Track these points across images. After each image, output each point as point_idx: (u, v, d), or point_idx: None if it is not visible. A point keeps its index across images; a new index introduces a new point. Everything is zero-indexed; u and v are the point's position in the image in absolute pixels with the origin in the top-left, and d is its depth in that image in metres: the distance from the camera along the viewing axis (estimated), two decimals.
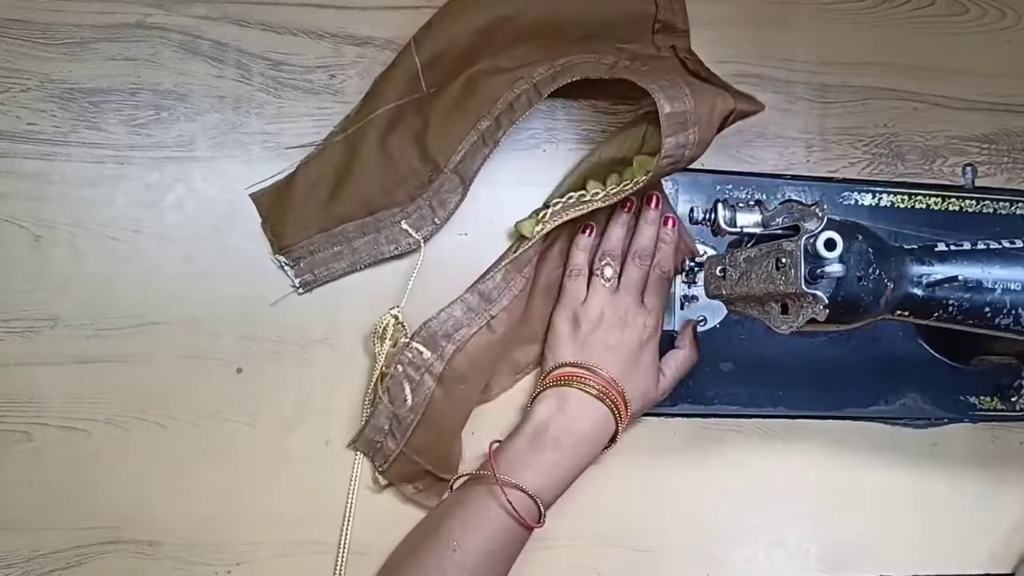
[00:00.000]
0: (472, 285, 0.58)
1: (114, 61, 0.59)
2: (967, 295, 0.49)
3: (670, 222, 0.61)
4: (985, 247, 0.51)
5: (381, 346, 0.58)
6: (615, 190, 0.58)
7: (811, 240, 0.44)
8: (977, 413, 0.66)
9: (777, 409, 0.64)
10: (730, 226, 0.50)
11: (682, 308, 0.63)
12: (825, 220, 0.45)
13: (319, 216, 0.59)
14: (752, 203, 0.51)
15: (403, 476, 0.58)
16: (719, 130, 0.56)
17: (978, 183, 0.67)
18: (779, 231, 0.49)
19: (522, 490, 0.53)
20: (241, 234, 0.59)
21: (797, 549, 0.64)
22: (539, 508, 0.53)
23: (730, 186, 0.64)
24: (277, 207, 0.59)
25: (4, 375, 0.56)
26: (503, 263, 0.58)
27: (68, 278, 0.57)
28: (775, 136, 0.66)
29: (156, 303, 0.58)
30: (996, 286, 0.49)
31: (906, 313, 0.49)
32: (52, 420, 0.57)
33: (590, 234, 0.60)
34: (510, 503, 0.53)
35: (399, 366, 0.57)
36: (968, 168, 0.67)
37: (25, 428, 0.56)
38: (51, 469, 0.56)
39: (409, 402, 0.56)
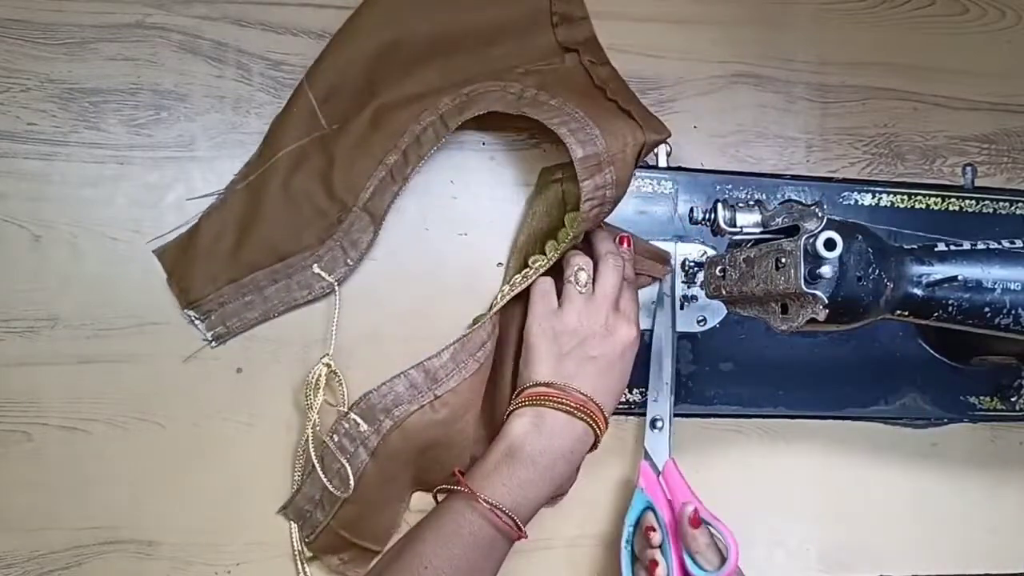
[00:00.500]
0: (419, 362, 0.57)
1: (114, 61, 0.59)
2: (967, 295, 0.49)
3: (624, 242, 0.60)
4: (985, 247, 0.51)
5: (315, 397, 0.56)
6: (554, 254, 0.57)
7: (811, 240, 0.44)
8: (977, 413, 0.66)
9: (777, 409, 0.64)
10: (730, 226, 0.50)
11: (682, 308, 0.63)
12: (825, 220, 0.45)
13: (227, 267, 0.57)
14: (752, 203, 0.51)
15: (328, 548, 0.57)
16: (636, 164, 0.55)
17: (978, 183, 0.67)
18: (779, 231, 0.49)
19: (494, 506, 0.51)
20: None
21: (797, 549, 0.64)
22: (515, 522, 0.52)
23: (730, 186, 0.64)
24: (182, 261, 0.57)
25: (4, 375, 0.56)
26: (451, 343, 0.57)
27: (68, 278, 0.57)
28: (775, 136, 0.66)
29: (156, 303, 0.58)
30: (996, 286, 0.49)
31: (906, 313, 0.49)
32: (52, 420, 0.57)
33: None
34: (486, 513, 0.51)
35: (335, 435, 0.55)
36: (968, 168, 0.67)
37: (25, 428, 0.56)
38: (51, 469, 0.56)
39: (344, 473, 0.54)
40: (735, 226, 0.50)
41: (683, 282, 0.63)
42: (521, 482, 0.52)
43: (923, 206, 0.66)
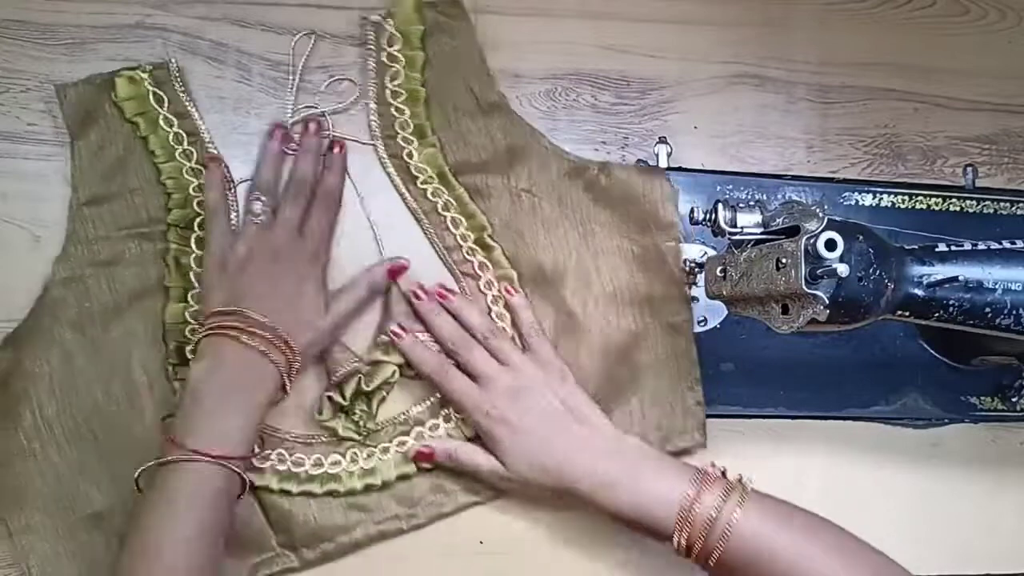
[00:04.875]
0: None
1: (114, 61, 0.59)
2: (968, 295, 0.49)
3: (336, 147, 0.59)
4: (986, 247, 0.51)
5: None
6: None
7: (811, 240, 0.44)
8: (977, 413, 0.66)
9: (777, 409, 0.64)
10: (730, 226, 0.50)
11: None
12: (825, 220, 0.45)
13: None
14: (752, 203, 0.51)
15: None
16: None
17: (979, 183, 0.67)
18: (779, 231, 0.49)
19: (200, 453, 0.48)
20: None
21: None
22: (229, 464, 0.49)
23: (730, 186, 0.64)
24: None
25: None
26: None
27: None
28: (776, 136, 0.66)
29: None
30: (997, 286, 0.49)
31: (907, 313, 0.49)
32: None
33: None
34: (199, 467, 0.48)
35: None
36: (969, 168, 0.67)
37: None
38: None
39: None
40: (736, 226, 0.50)
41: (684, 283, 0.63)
42: (211, 422, 0.50)
43: (924, 206, 0.66)
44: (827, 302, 0.44)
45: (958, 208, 0.66)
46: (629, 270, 0.60)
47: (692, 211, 0.52)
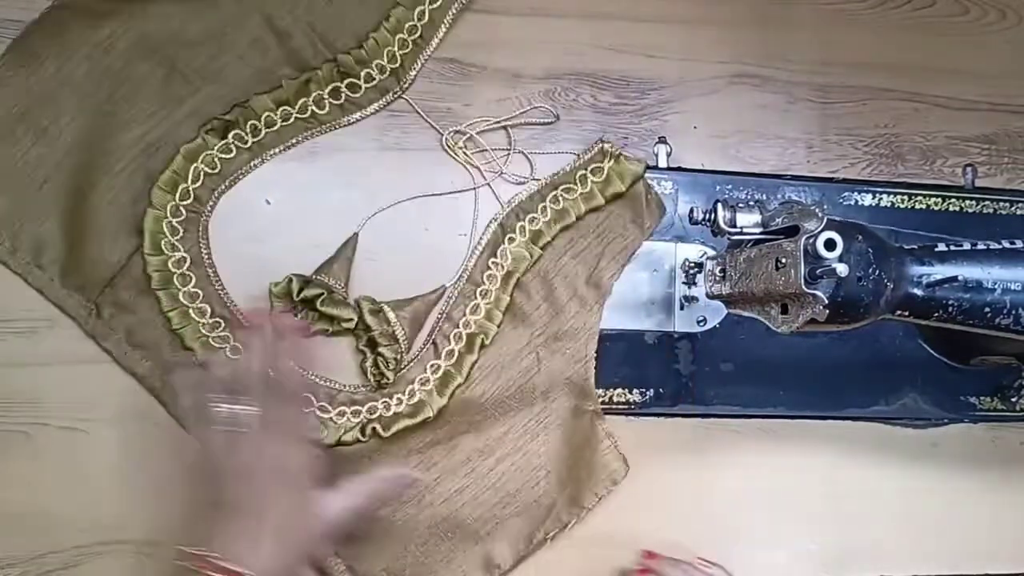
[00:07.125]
0: None
1: None
2: (967, 295, 0.49)
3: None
4: (985, 247, 0.51)
5: None
6: None
7: (811, 240, 0.44)
8: (977, 413, 0.66)
9: (777, 409, 0.64)
10: (730, 226, 0.50)
11: (682, 308, 0.63)
12: (825, 220, 0.45)
13: None
14: (752, 203, 0.51)
15: None
16: None
17: (978, 183, 0.67)
18: (779, 231, 0.49)
19: None
20: (241, 235, 0.59)
21: (798, 549, 0.64)
22: None
23: (730, 186, 0.64)
24: None
25: (4, 375, 0.56)
26: None
27: None
28: (775, 136, 0.66)
29: None
30: (996, 286, 0.49)
31: (906, 313, 0.50)
32: (52, 420, 0.57)
33: None
34: None
35: None
36: (968, 168, 0.67)
37: (25, 428, 0.56)
38: (51, 469, 0.56)
39: None
40: (735, 226, 0.50)
41: (683, 282, 0.63)
42: None
43: (923, 206, 0.66)
44: (826, 302, 0.44)
45: (958, 208, 0.66)
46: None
47: (692, 211, 0.52)
